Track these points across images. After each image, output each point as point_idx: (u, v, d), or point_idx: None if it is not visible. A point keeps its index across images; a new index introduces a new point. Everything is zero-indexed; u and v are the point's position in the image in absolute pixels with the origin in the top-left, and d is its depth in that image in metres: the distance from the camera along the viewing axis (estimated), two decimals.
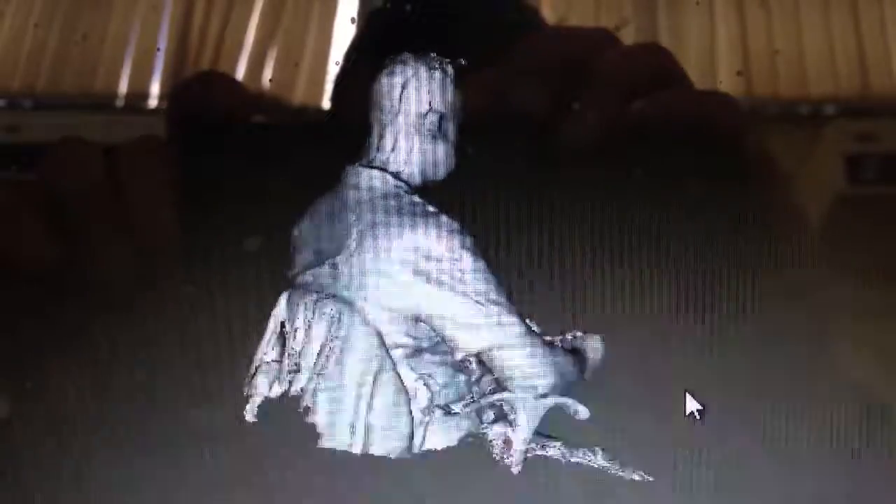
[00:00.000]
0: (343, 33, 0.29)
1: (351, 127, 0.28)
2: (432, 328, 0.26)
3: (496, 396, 0.27)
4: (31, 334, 0.27)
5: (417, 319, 0.26)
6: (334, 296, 0.26)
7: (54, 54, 0.29)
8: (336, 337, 0.26)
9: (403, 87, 0.26)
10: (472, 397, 0.27)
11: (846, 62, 0.30)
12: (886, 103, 0.30)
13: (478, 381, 0.27)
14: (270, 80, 0.29)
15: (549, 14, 0.30)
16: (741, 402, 0.27)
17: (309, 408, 0.26)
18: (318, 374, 0.26)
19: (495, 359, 0.26)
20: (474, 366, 0.27)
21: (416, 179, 0.27)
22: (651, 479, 0.27)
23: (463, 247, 0.26)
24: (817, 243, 0.28)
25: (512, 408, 0.26)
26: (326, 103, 0.29)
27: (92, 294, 0.27)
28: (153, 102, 0.29)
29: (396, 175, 0.26)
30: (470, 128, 0.27)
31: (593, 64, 0.28)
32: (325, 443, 0.26)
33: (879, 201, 0.29)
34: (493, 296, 0.26)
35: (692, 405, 0.27)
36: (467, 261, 0.26)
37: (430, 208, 0.26)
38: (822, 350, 0.28)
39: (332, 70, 0.29)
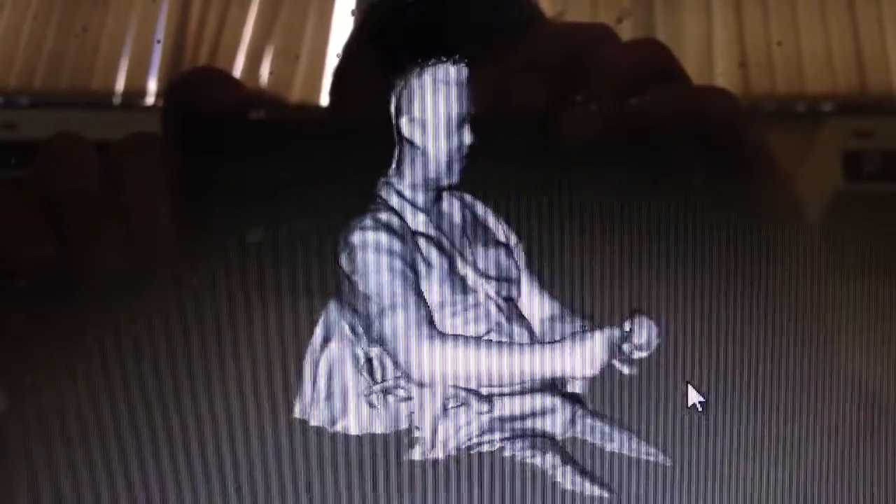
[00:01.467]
0: (342, 26, 0.29)
1: (350, 121, 0.28)
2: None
3: (385, 385, 0.28)
4: (28, 330, 0.27)
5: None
6: None
7: (51, 51, 0.29)
8: None
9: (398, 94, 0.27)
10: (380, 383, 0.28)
11: (843, 59, 0.30)
12: (884, 100, 0.30)
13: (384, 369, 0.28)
14: (271, 73, 0.29)
15: (548, 8, 0.30)
16: (740, 395, 0.27)
17: None
18: None
19: (395, 353, 0.27)
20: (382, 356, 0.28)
21: (428, 176, 0.28)
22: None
23: (358, 242, 0.27)
24: (815, 239, 0.29)
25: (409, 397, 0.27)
26: (325, 98, 0.29)
27: (90, 290, 0.27)
28: (150, 100, 0.29)
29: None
30: (471, 123, 0.27)
31: (592, 59, 0.28)
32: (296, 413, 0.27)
33: (877, 198, 0.30)
34: (384, 290, 0.27)
35: (694, 397, 0.27)
36: (360, 258, 0.27)
37: (373, 205, 0.27)
38: (820, 344, 0.28)
39: (331, 64, 0.29)
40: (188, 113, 0.28)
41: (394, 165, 0.28)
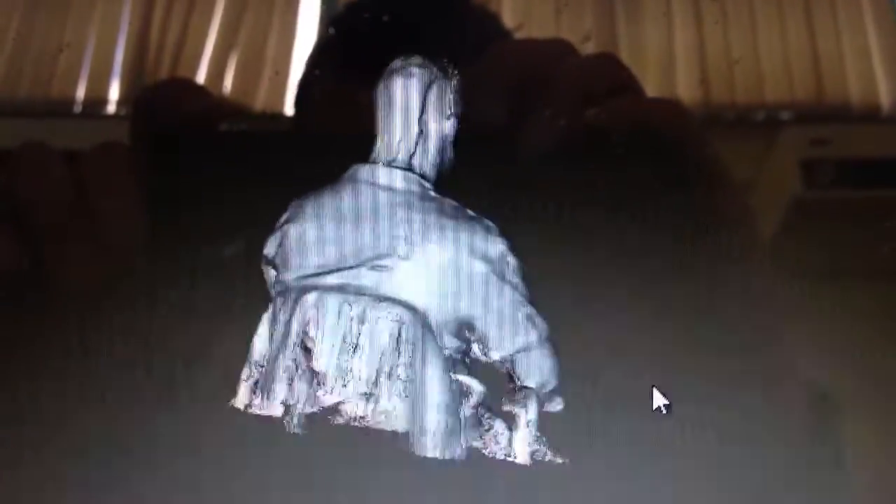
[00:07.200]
0: (306, 37, 0.30)
1: (317, 133, 0.28)
2: (475, 329, 0.26)
3: (522, 395, 0.26)
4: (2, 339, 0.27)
5: (464, 321, 0.26)
6: (387, 299, 0.26)
7: (9, 61, 0.29)
8: (405, 342, 0.26)
9: (426, 88, 0.26)
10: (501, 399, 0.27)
11: (801, 69, 0.30)
12: (840, 109, 0.30)
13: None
14: (236, 83, 0.29)
15: (510, 23, 0.30)
16: (698, 399, 0.27)
17: (386, 413, 0.26)
18: (391, 380, 0.26)
19: (522, 358, 0.26)
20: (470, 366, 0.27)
21: (434, 181, 0.27)
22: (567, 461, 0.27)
23: (510, 249, 0.26)
24: (773, 246, 0.29)
25: (524, 406, 0.27)
26: (292, 108, 0.29)
27: (62, 299, 0.27)
28: (112, 108, 0.29)
29: (424, 176, 0.27)
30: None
31: (550, 73, 0.29)
32: (414, 448, 0.25)
33: (834, 205, 0.30)
34: (529, 296, 0.26)
35: (659, 400, 0.27)
36: (513, 261, 0.26)
37: (470, 212, 0.26)
38: (777, 349, 0.28)
39: (297, 74, 0.29)
40: (157, 124, 0.28)
41: (414, 168, 0.27)
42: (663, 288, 0.27)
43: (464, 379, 0.26)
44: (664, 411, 0.27)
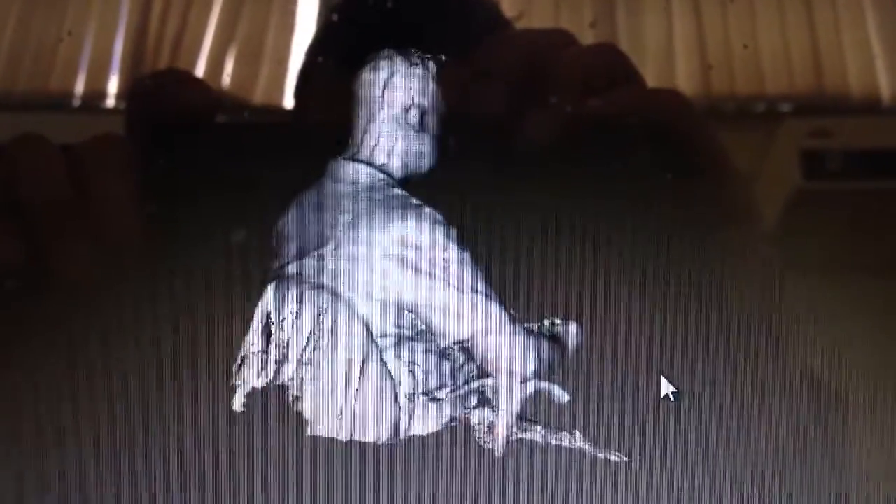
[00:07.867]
0: (305, 28, 0.29)
1: (317, 124, 0.28)
2: (417, 317, 0.27)
3: (479, 383, 0.27)
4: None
5: (403, 309, 0.27)
6: (321, 287, 0.27)
7: (9, 53, 0.29)
8: (322, 327, 0.27)
9: (386, 81, 0.27)
10: (456, 384, 0.27)
11: (801, 60, 0.30)
12: (840, 100, 0.30)
13: (460, 367, 0.28)
14: (235, 74, 0.29)
15: (510, 13, 0.30)
16: (704, 389, 0.28)
17: (297, 397, 0.27)
18: (305, 364, 0.27)
19: (479, 346, 0.27)
20: (457, 353, 0.27)
21: (400, 173, 0.27)
22: (626, 458, 0.27)
23: (447, 237, 0.27)
24: (774, 237, 0.29)
25: (495, 393, 0.27)
26: (290, 99, 0.29)
27: (60, 293, 0.27)
28: (110, 102, 0.29)
29: (381, 168, 0.27)
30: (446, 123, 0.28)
31: (550, 64, 0.28)
32: (313, 430, 0.27)
33: (834, 196, 0.30)
34: (476, 285, 0.27)
35: (667, 388, 0.27)
36: (451, 251, 0.27)
37: (415, 200, 0.27)
38: (780, 340, 0.28)
39: (295, 66, 0.29)
40: (153, 115, 0.28)
41: (374, 160, 0.28)
42: (665, 279, 0.28)
43: (391, 365, 0.27)
44: (672, 399, 0.27)
